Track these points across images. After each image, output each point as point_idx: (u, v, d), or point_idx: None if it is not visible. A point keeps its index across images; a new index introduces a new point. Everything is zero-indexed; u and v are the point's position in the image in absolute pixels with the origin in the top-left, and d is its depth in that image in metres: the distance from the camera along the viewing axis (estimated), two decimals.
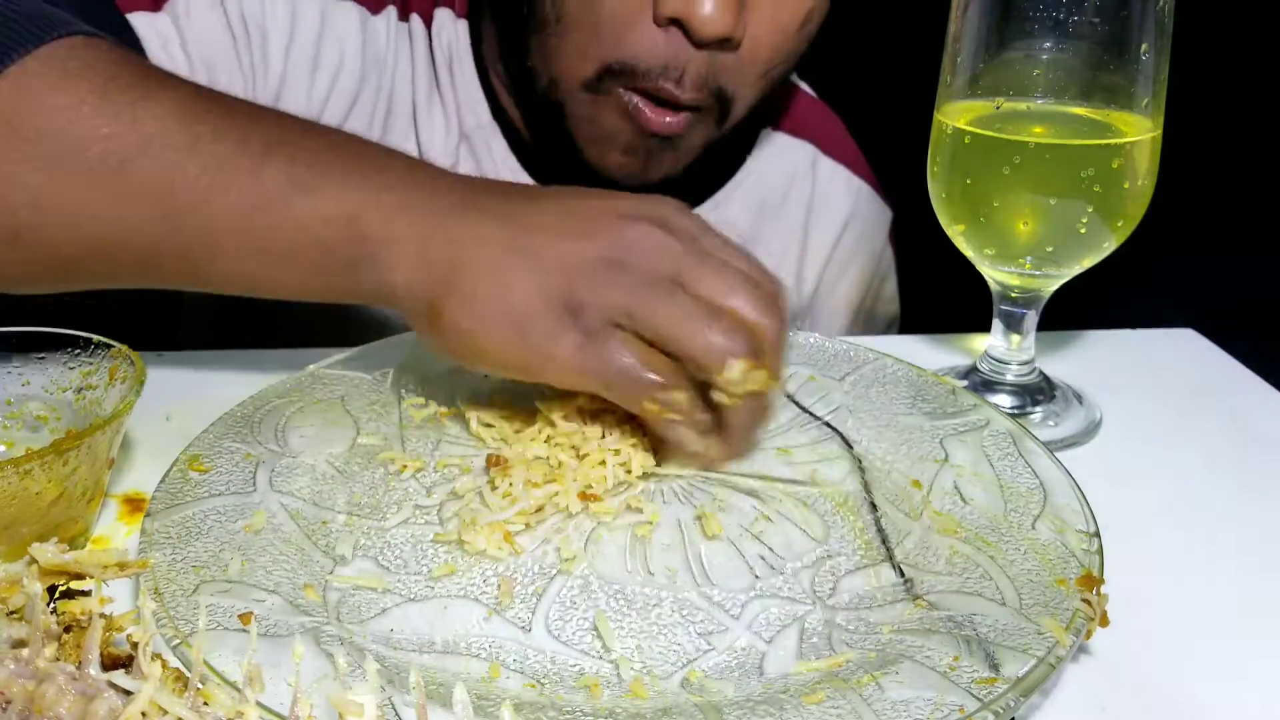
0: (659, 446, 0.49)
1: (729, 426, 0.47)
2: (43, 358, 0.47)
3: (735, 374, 0.43)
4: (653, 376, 0.44)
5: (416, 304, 0.46)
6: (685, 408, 0.45)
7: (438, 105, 0.75)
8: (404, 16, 0.74)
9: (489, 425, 0.51)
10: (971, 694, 0.35)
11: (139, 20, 0.64)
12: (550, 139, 0.72)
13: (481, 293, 0.44)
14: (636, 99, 0.65)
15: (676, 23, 0.62)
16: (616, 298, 0.43)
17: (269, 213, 0.46)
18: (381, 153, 0.49)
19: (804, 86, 0.88)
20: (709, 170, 0.81)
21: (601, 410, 0.49)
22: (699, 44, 0.63)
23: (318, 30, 0.70)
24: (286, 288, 0.49)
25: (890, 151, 0.86)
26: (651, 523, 0.45)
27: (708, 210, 0.81)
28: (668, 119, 0.66)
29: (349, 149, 0.49)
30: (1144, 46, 0.51)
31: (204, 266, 0.48)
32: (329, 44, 0.70)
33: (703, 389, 0.45)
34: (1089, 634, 0.38)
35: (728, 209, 0.82)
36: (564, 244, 0.45)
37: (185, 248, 0.47)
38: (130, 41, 0.63)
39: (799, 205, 0.85)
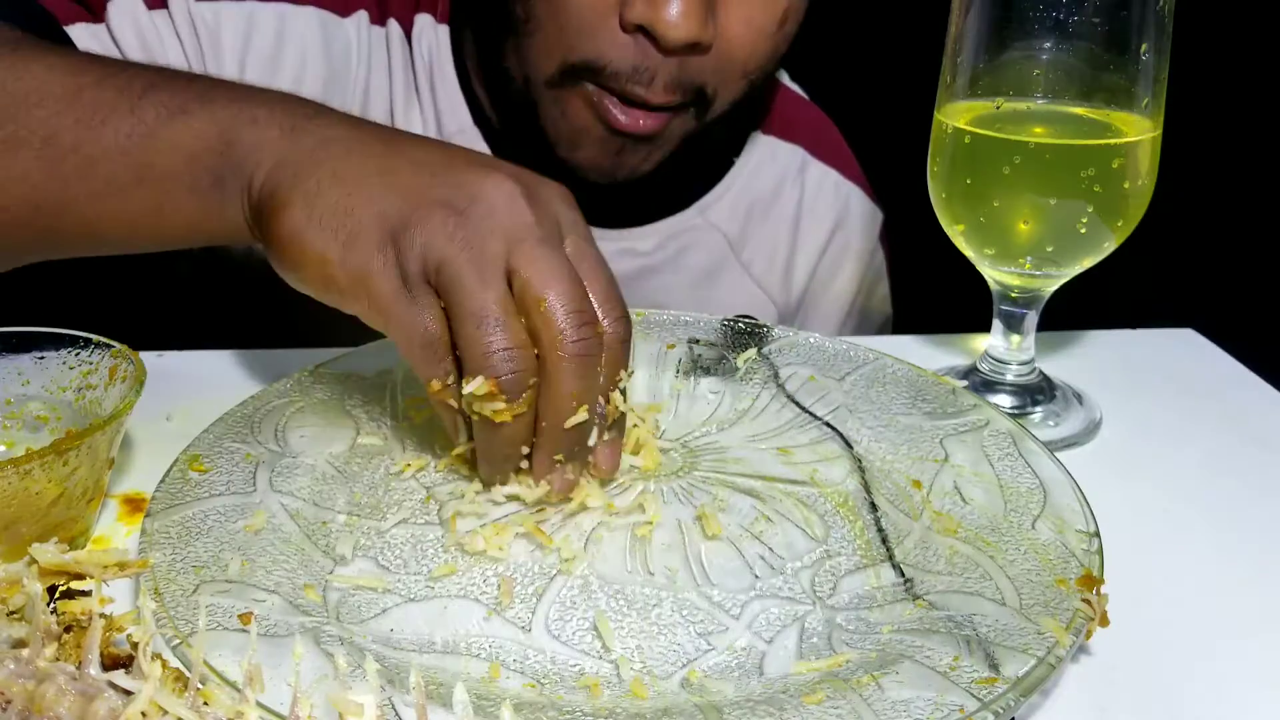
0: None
1: (475, 429, 0.44)
2: (43, 358, 0.47)
3: (472, 389, 0.41)
4: (449, 361, 0.42)
5: (263, 205, 0.44)
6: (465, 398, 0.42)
7: (415, 109, 0.75)
8: (379, 21, 0.73)
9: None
10: (971, 694, 0.35)
11: (79, 32, 0.64)
12: (527, 140, 0.72)
13: (325, 196, 0.43)
14: (605, 98, 0.65)
15: (644, 29, 0.62)
16: (439, 247, 0.41)
17: (145, 141, 0.46)
18: (264, 90, 0.49)
19: (795, 88, 0.87)
20: (695, 173, 0.81)
21: None
22: (667, 50, 0.62)
23: (276, 35, 0.69)
24: (168, 223, 0.48)
25: (888, 152, 0.86)
26: (651, 523, 0.45)
27: (693, 215, 0.81)
28: (640, 120, 0.65)
29: (230, 85, 0.49)
30: (1144, 46, 0.51)
31: (86, 210, 0.48)
32: (289, 48, 0.70)
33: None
34: (1089, 634, 0.38)
35: (714, 213, 0.82)
36: (422, 177, 0.43)
37: (68, 192, 0.47)
38: None
39: (788, 208, 0.84)
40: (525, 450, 0.44)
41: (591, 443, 0.45)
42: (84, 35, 0.64)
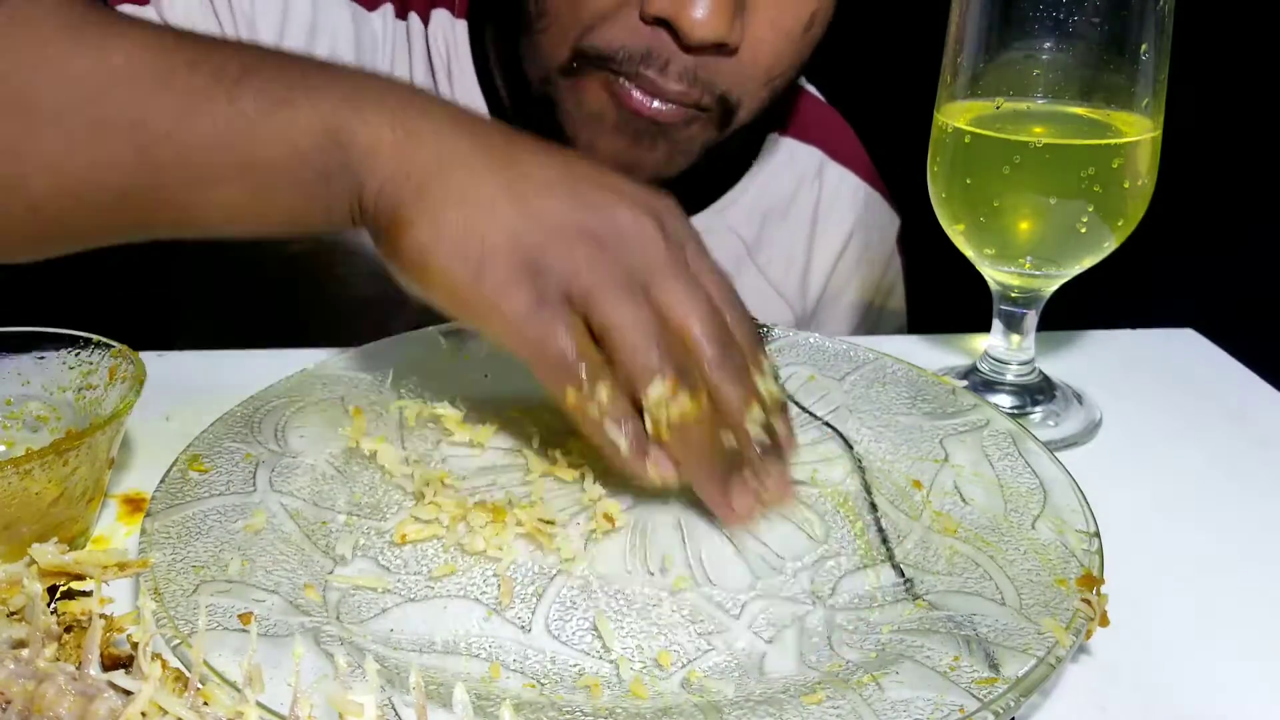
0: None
1: (674, 452, 0.44)
2: (43, 358, 0.47)
3: (655, 393, 0.41)
4: (583, 366, 0.42)
5: (382, 218, 0.44)
6: (606, 405, 0.42)
7: None
8: (402, 15, 0.73)
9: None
10: (971, 694, 0.35)
11: (126, 10, 0.64)
12: (546, 138, 0.71)
13: (451, 217, 0.42)
14: (619, 83, 0.63)
15: (666, 22, 0.60)
16: (583, 275, 0.42)
17: (246, 132, 0.44)
18: (372, 74, 0.48)
19: (812, 90, 0.87)
20: (712, 176, 0.80)
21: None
22: (689, 48, 0.60)
23: (310, 24, 0.69)
24: (268, 215, 0.47)
25: (894, 151, 0.86)
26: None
27: (710, 216, 0.80)
28: (655, 104, 0.63)
29: (334, 69, 0.47)
30: (1144, 46, 0.51)
31: (181, 197, 0.46)
32: (322, 38, 0.70)
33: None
34: (1089, 634, 0.38)
35: (731, 215, 0.81)
36: (552, 201, 0.43)
37: (160, 180, 0.45)
38: None
39: (805, 211, 0.83)
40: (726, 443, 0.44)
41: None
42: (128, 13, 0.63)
